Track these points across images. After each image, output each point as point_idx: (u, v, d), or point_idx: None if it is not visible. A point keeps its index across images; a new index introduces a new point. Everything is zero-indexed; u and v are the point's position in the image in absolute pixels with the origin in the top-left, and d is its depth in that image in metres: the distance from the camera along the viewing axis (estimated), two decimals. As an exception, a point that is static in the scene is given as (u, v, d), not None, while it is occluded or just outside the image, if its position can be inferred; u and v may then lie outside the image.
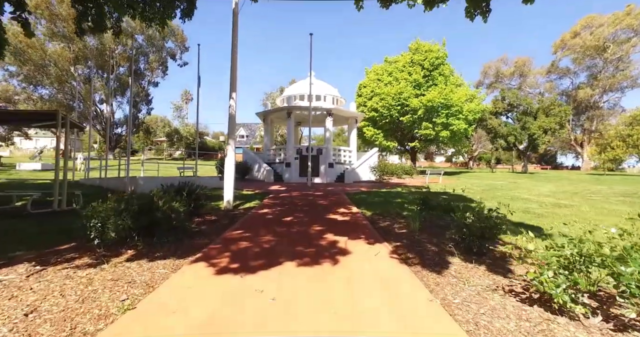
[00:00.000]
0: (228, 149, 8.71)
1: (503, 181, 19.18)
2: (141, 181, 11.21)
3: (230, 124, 8.72)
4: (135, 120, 46.61)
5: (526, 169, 30.76)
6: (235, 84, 8.78)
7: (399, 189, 13.86)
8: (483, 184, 16.56)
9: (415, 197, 11.11)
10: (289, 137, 19.66)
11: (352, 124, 21.14)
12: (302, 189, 13.87)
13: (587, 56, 38.45)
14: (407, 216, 7.23)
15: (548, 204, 9.52)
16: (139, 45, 41.37)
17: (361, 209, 8.39)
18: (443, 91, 23.79)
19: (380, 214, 7.57)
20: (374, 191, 12.89)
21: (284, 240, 4.99)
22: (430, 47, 26.15)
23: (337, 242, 4.88)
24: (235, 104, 8.70)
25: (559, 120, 26.18)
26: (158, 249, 4.27)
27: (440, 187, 14.74)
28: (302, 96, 20.42)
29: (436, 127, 24.27)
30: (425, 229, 5.66)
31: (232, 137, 8.75)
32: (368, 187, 14.54)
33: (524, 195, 12.35)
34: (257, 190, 12.81)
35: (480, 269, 3.59)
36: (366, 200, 10.22)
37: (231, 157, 8.63)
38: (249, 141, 59.43)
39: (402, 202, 9.73)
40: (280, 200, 10.10)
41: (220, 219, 6.80)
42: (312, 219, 6.82)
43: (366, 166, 19.37)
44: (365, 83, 27.74)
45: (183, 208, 5.26)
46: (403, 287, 3.16)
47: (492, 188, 14.74)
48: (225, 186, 8.55)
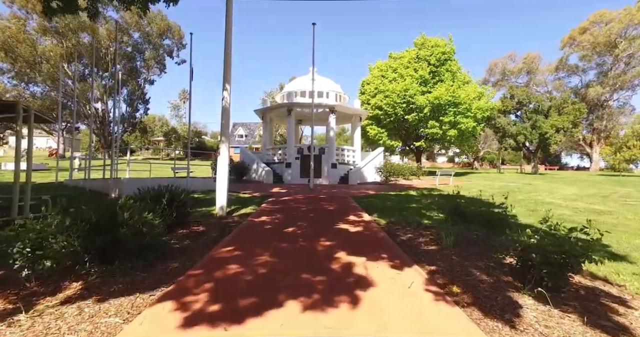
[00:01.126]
0: (221, 148, 7.63)
1: (516, 182, 18.11)
2: (126, 182, 10.14)
3: (223, 119, 7.64)
4: (132, 119, 45.57)
5: (536, 169, 29.64)
6: (229, 73, 7.70)
7: (410, 191, 12.78)
8: (497, 186, 15.48)
9: (430, 201, 10.04)
10: (289, 136, 18.58)
11: (356, 122, 20.06)
12: (304, 191, 12.79)
13: (597, 53, 37.25)
14: (430, 226, 6.17)
15: (583, 210, 8.45)
16: (135, 42, 40.29)
17: (373, 216, 7.32)
18: (450, 88, 22.72)
19: (397, 223, 6.49)
20: (383, 194, 11.82)
21: (286, 262, 3.91)
22: (436, 42, 25.07)
23: (353, 265, 3.80)
24: (229, 97, 7.62)
25: (573, 119, 25.08)
26: (118, 279, 3.18)
27: (453, 190, 13.67)
28: (303, 92, 19.33)
29: (443, 125, 23.19)
30: (460, 245, 4.58)
31: (226, 133, 7.67)
32: (375, 190, 13.47)
33: (548, 198, 11.28)
34: (255, 192, 11.73)
35: (571, 317, 2.50)
36: (376, 205, 9.15)
37: (225, 157, 7.55)
38: (248, 141, 58.42)
39: (418, 207, 8.65)
40: (280, 204, 9.03)
41: (209, 230, 5.72)
42: (318, 230, 5.74)
43: (371, 167, 18.29)
44: (368, 80, 26.66)
45: (159, 220, 4.19)
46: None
47: (509, 190, 13.64)
48: (217, 189, 7.48)
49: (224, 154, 7.55)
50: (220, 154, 7.61)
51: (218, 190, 7.49)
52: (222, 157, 7.57)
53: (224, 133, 7.65)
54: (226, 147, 7.58)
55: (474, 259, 3.95)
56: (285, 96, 19.60)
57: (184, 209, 5.62)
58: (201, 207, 8.24)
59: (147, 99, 45.83)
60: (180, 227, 5.60)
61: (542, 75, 42.58)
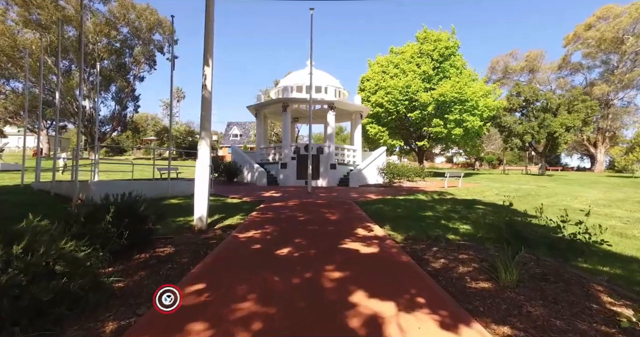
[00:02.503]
0: (200, 145, 6.25)
1: (527, 184, 16.93)
2: (94, 186, 8.72)
3: (204, 109, 6.26)
4: (122, 117, 43.83)
5: (543, 170, 28.50)
6: (212, 45, 6.25)
7: (419, 195, 11.50)
8: (510, 189, 14.26)
9: (446, 207, 8.75)
10: (284, 134, 17.23)
11: (357, 120, 18.75)
12: (301, 195, 11.46)
13: (603, 50, 36.22)
14: (463, 245, 4.88)
15: (631, 220, 7.22)
16: (124, 37, 38.62)
17: (386, 228, 6.02)
18: (456, 84, 21.50)
19: (418, 240, 5.21)
20: (390, 199, 10.52)
21: (279, 315, 2.57)
22: (439, 36, 23.84)
23: (381, 320, 2.48)
24: (211, 75, 6.22)
25: (584, 117, 23.99)
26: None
27: (465, 193, 12.43)
28: (300, 87, 17.99)
29: (448, 124, 21.95)
30: (525, 282, 3.25)
31: (206, 126, 6.29)
32: (380, 193, 12.16)
33: (574, 204, 10.06)
34: (246, 197, 10.37)
35: None
36: (386, 213, 7.85)
37: (205, 156, 6.17)
38: (243, 140, 56.98)
39: (435, 216, 7.35)
40: (273, 212, 7.68)
41: (179, 252, 4.36)
42: (321, 252, 4.41)
43: (373, 168, 17.00)
44: (368, 76, 25.37)
45: (89, 250, 2.83)
46: None
47: (526, 194, 12.44)
48: (196, 196, 6.12)
49: (203, 153, 6.18)
50: (199, 152, 6.24)
51: (197, 197, 6.13)
52: (201, 156, 6.20)
53: (204, 126, 6.28)
54: (207, 144, 6.21)
55: (565, 311, 2.63)
56: (280, 91, 18.21)
57: (143, 225, 4.24)
58: (178, 217, 6.90)
59: (137, 96, 44.14)
60: (139, 249, 4.23)
61: (544, 74, 41.63)
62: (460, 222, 6.73)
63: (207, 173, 6.28)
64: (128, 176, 15.69)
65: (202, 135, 6.32)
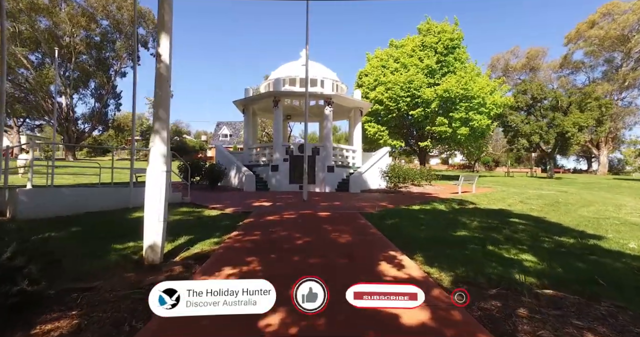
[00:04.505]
0: (154, 141, 4.29)
1: (545, 189, 15.32)
2: (24, 196, 6.64)
3: (159, 83, 4.31)
4: (102, 116, 41.13)
5: (552, 173, 27.11)
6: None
7: (436, 204, 9.69)
8: (531, 195, 12.59)
9: (479, 222, 6.95)
10: (276, 133, 15.29)
11: (357, 117, 16.89)
12: (296, 203, 9.54)
13: (606, 48, 35.17)
14: (550, 297, 3.07)
15: None
16: (104, 31, 36.08)
17: (418, 260, 4.17)
18: (462, 80, 19.86)
19: (476, 284, 3.39)
20: (404, 209, 8.68)
21: None
22: (443, 27, 22.20)
23: None
24: (169, 40, 4.28)
25: (598, 116, 22.66)
26: None
27: (486, 201, 10.70)
28: (293, 80, 16.07)
29: (453, 122, 20.29)
30: None
31: (163, 110, 4.36)
32: (388, 201, 10.31)
33: (624, 215, 8.40)
34: (229, 207, 8.41)
35: None
36: (408, 231, 5.99)
37: (158, 157, 4.22)
38: (233, 141, 54.69)
39: (474, 238, 5.51)
40: (261, 232, 5.73)
41: (90, 325, 2.42)
42: (336, 322, 2.51)
43: (375, 170, 15.17)
44: (367, 70, 23.58)
45: None
46: None
47: (554, 202, 10.75)
48: (146, 216, 4.19)
49: (157, 152, 4.22)
50: (151, 152, 4.28)
51: (147, 217, 4.19)
52: (154, 158, 4.23)
53: (159, 114, 4.33)
54: (162, 140, 4.25)
55: None
56: (271, 85, 16.23)
57: (10, 287, 2.28)
58: (128, 240, 4.93)
59: (119, 94, 41.58)
60: (10, 324, 2.27)
61: (545, 73, 40.54)
62: (515, 249, 4.92)
63: (164, 182, 4.31)
64: (83, 180, 13.53)
65: (156, 128, 4.34)
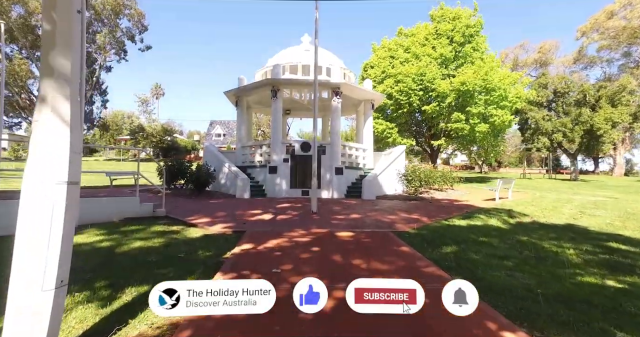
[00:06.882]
0: (39, 122, 2.00)
1: (589, 195, 13.24)
2: None
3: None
4: (87, 114, 38.48)
5: (576, 176, 25.03)
6: None
7: (482, 217, 7.45)
8: (580, 203, 10.49)
9: (578, 251, 4.76)
10: (274, 128, 13.02)
11: (367, 111, 14.65)
12: (303, 217, 7.25)
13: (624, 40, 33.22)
14: None
15: None
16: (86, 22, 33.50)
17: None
18: (480, 70, 17.77)
19: None
20: (448, 227, 6.43)
21: None
22: (458, 13, 20.08)
23: None
24: None
25: (635, 111, 20.71)
26: None
27: (538, 212, 8.53)
28: (295, 67, 13.81)
29: (471, 119, 18.18)
30: None
31: (61, 58, 2.06)
32: (418, 212, 8.05)
33: None
34: (216, 225, 6.08)
35: None
36: (487, 273, 3.71)
37: (46, 154, 1.93)
38: (227, 140, 52.26)
39: (604, 286, 3.28)
40: (260, 277, 3.38)
41: None
42: None
43: (391, 172, 12.98)
44: (373, 62, 21.39)
45: None
46: None
47: (624, 213, 8.65)
48: (12, 285, 1.88)
49: (47, 143, 1.95)
50: (32, 140, 1.99)
51: (13, 286, 1.89)
52: (38, 153, 1.95)
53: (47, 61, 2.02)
54: (61, 120, 1.97)
55: None
56: (269, 72, 13.91)
57: None
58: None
59: (104, 90, 38.93)
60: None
61: (556, 68, 38.65)
62: None
63: (61, 206, 2.02)
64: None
65: (43, 95, 2.07)
